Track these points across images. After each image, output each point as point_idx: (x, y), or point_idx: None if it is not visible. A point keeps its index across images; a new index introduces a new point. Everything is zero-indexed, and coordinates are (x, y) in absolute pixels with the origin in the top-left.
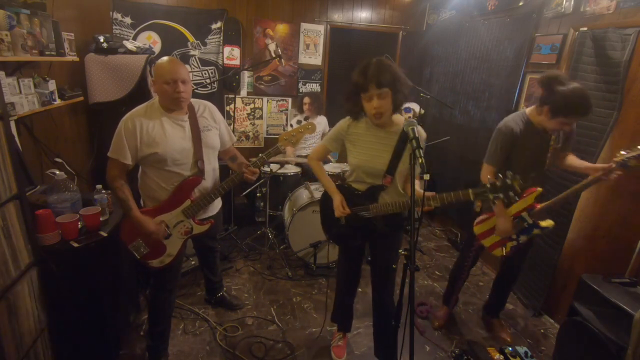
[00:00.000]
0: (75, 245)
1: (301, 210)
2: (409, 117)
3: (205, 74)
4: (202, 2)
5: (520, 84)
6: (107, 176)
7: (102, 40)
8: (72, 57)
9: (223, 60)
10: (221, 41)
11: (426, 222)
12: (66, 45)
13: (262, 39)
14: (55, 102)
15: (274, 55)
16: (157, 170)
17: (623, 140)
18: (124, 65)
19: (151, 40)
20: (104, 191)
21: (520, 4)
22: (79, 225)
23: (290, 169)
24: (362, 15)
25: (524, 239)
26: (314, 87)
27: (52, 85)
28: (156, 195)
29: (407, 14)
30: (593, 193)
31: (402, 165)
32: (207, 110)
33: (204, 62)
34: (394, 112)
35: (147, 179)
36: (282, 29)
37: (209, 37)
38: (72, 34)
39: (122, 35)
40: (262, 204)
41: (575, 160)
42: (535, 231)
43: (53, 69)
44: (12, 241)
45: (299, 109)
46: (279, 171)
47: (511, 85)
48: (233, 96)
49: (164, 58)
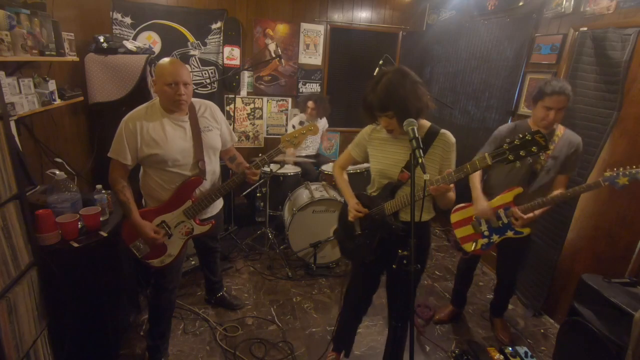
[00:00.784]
0: (75, 245)
1: (301, 210)
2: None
3: (205, 74)
4: (202, 2)
5: (520, 84)
6: (110, 178)
7: (102, 40)
8: (72, 57)
9: (223, 60)
10: (221, 41)
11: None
12: (66, 45)
13: (262, 39)
14: (55, 102)
15: (274, 55)
16: (158, 170)
17: (623, 140)
18: (124, 65)
19: (151, 40)
20: (104, 191)
21: (520, 4)
22: (79, 225)
23: (290, 169)
24: (362, 15)
25: (495, 238)
26: (314, 87)
27: (52, 85)
28: (157, 195)
29: (407, 14)
30: (593, 193)
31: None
32: (208, 110)
33: (204, 62)
34: (416, 119)
35: (149, 179)
36: (282, 29)
37: (209, 37)
38: (72, 34)
39: (122, 35)
40: (262, 204)
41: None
42: (509, 233)
43: (53, 69)
44: (12, 241)
45: (301, 110)
46: (279, 171)
47: (511, 85)
48: (233, 96)
49: (165, 59)
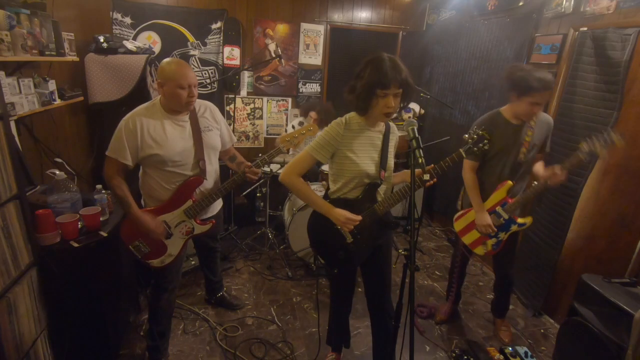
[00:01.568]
0: (75, 245)
1: (301, 210)
2: (409, 117)
3: (205, 74)
4: (202, 2)
5: None
6: (105, 175)
7: (102, 40)
8: (72, 57)
9: (223, 60)
10: (221, 41)
11: (426, 222)
12: (66, 45)
13: (262, 39)
14: (55, 102)
15: (274, 55)
16: (158, 170)
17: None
18: (124, 65)
19: (151, 40)
20: (104, 191)
21: (520, 4)
22: (79, 225)
23: None
24: (362, 15)
25: (503, 235)
26: (314, 87)
27: (52, 85)
28: (158, 195)
29: (407, 14)
30: (593, 193)
31: (391, 158)
32: (208, 111)
33: (204, 62)
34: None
35: (149, 179)
36: (282, 29)
37: (209, 37)
38: (72, 34)
39: (122, 35)
40: (262, 204)
41: (537, 167)
42: (513, 227)
43: (53, 69)
44: (12, 241)
45: (302, 114)
46: (279, 171)
47: None
48: (233, 96)
49: (172, 61)
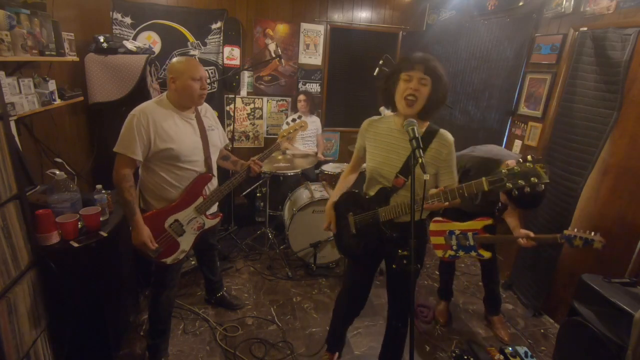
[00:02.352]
0: (75, 245)
1: (301, 210)
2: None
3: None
4: (202, 2)
5: (520, 84)
6: (117, 175)
7: (102, 40)
8: (72, 57)
9: (223, 60)
10: (221, 41)
11: (428, 222)
12: (66, 45)
13: (262, 39)
14: (55, 102)
15: (274, 55)
16: (169, 166)
17: (623, 140)
18: (124, 65)
19: (151, 40)
20: (104, 191)
21: (520, 4)
22: (79, 225)
23: (290, 170)
24: (362, 15)
25: (461, 253)
26: (314, 87)
27: (52, 85)
28: (166, 194)
29: (407, 14)
30: (593, 193)
31: (419, 169)
32: (208, 111)
33: (204, 62)
34: (425, 115)
35: (156, 178)
36: (282, 29)
37: (209, 37)
38: (72, 34)
39: (122, 35)
40: (262, 204)
41: (510, 217)
42: (473, 253)
43: (53, 69)
44: (12, 241)
45: (292, 106)
46: (279, 171)
47: (511, 85)
48: (233, 96)
49: (181, 58)
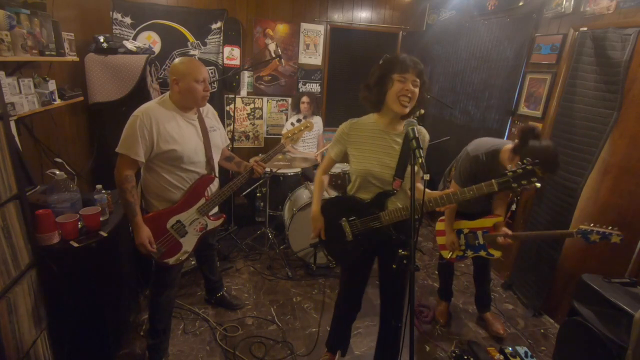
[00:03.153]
0: (75, 245)
1: (301, 210)
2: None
3: None
4: (202, 2)
5: (520, 84)
6: (120, 176)
7: (102, 40)
8: (72, 57)
9: (223, 60)
10: (221, 41)
11: (426, 222)
12: (66, 45)
13: (262, 39)
14: (55, 102)
15: (274, 55)
16: (172, 168)
17: (623, 140)
18: (124, 65)
19: (151, 40)
20: (104, 191)
21: (520, 4)
22: (79, 225)
23: (290, 169)
24: (362, 15)
25: (470, 254)
26: (314, 87)
27: (52, 85)
28: (169, 195)
29: (407, 14)
30: (593, 193)
31: (411, 167)
32: (210, 112)
33: (204, 62)
34: (407, 115)
35: (159, 179)
36: (282, 29)
37: (209, 37)
38: (72, 34)
39: (122, 35)
40: (262, 204)
41: (499, 208)
42: (482, 252)
43: (53, 69)
44: (12, 241)
45: (295, 107)
46: (279, 171)
47: (511, 85)
48: (233, 96)
49: (184, 58)
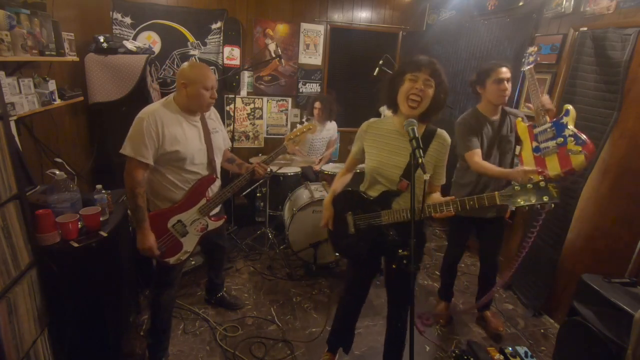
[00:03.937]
0: (75, 245)
1: (301, 210)
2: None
3: None
4: (202, 2)
5: (520, 83)
6: (131, 180)
7: (102, 40)
8: (72, 57)
9: (223, 60)
10: (221, 41)
11: (426, 222)
12: (66, 45)
13: (262, 39)
14: (55, 102)
15: (274, 55)
16: (175, 168)
17: (623, 140)
18: (124, 65)
19: (151, 40)
20: (103, 191)
21: (520, 4)
22: (79, 225)
23: (290, 169)
24: (362, 15)
25: (552, 144)
26: (314, 87)
27: (52, 85)
28: (170, 195)
29: (407, 14)
30: (593, 193)
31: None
32: (213, 113)
33: (204, 62)
34: (426, 118)
35: (161, 179)
36: (282, 29)
37: (209, 37)
38: (72, 34)
39: (122, 35)
40: (262, 204)
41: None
42: (567, 131)
43: (53, 69)
44: (12, 241)
45: (309, 112)
46: (279, 171)
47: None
48: (233, 96)
49: (194, 63)
